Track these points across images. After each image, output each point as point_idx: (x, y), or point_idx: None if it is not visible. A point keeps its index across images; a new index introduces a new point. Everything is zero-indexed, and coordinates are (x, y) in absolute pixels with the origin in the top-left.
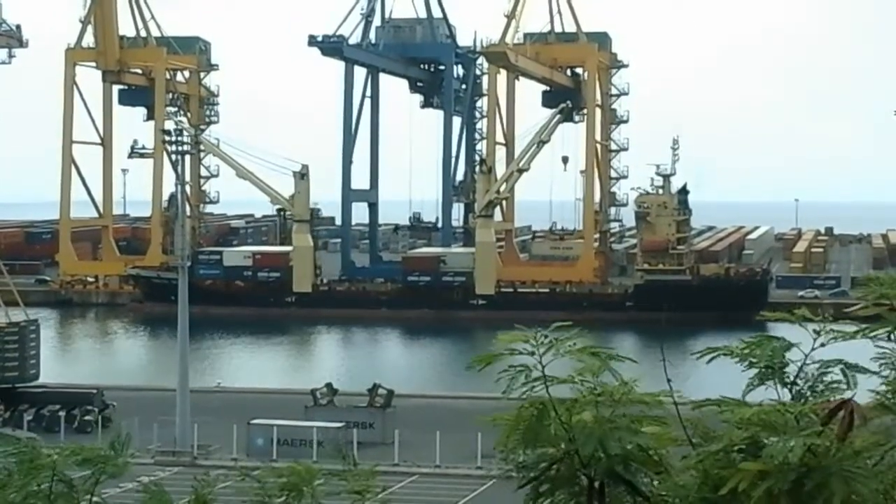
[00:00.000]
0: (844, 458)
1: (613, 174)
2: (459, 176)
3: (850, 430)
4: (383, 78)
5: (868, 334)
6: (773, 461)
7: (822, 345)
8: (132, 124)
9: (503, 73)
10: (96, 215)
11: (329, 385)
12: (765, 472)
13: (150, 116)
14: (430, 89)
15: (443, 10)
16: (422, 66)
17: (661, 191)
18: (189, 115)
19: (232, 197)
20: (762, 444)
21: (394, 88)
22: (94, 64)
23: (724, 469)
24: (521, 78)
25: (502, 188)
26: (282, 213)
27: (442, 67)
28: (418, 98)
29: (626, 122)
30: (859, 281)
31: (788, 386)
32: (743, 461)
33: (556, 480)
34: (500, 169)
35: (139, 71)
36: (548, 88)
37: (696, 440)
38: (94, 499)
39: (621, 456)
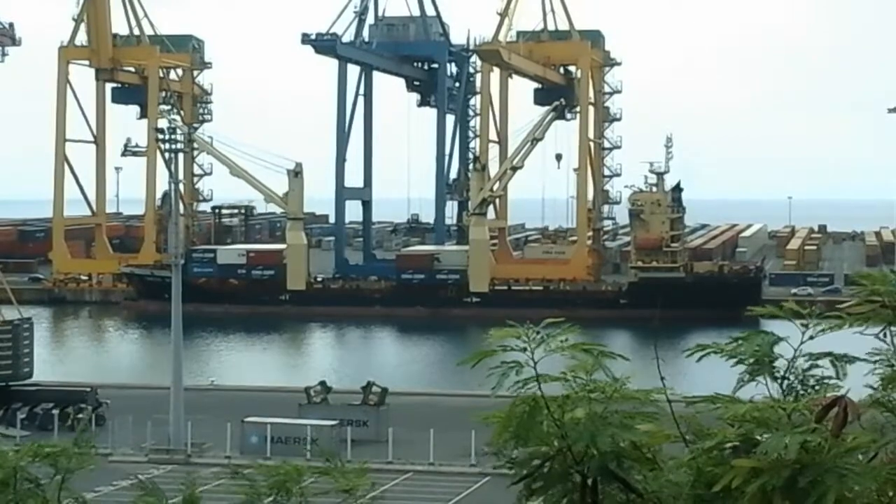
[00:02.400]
0: (838, 455)
1: (607, 172)
2: (454, 174)
3: (843, 427)
4: (382, 77)
5: (855, 323)
6: (768, 458)
7: (811, 338)
8: (125, 122)
9: (496, 71)
10: (90, 213)
11: (323, 383)
12: (758, 469)
13: (143, 114)
14: (427, 88)
15: (436, 8)
16: (415, 64)
17: (654, 188)
18: (182, 113)
19: (225, 195)
20: (755, 441)
21: (391, 87)
22: (87, 62)
23: (716, 466)
24: (514, 76)
25: (496, 186)
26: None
27: (435, 65)
28: (415, 97)
29: (619, 119)
30: (852, 280)
31: (779, 381)
32: (736, 458)
33: (549, 477)
34: (494, 167)
35: (132, 69)
36: (541, 86)
37: (689, 437)
38: (65, 495)
39: (614, 453)
